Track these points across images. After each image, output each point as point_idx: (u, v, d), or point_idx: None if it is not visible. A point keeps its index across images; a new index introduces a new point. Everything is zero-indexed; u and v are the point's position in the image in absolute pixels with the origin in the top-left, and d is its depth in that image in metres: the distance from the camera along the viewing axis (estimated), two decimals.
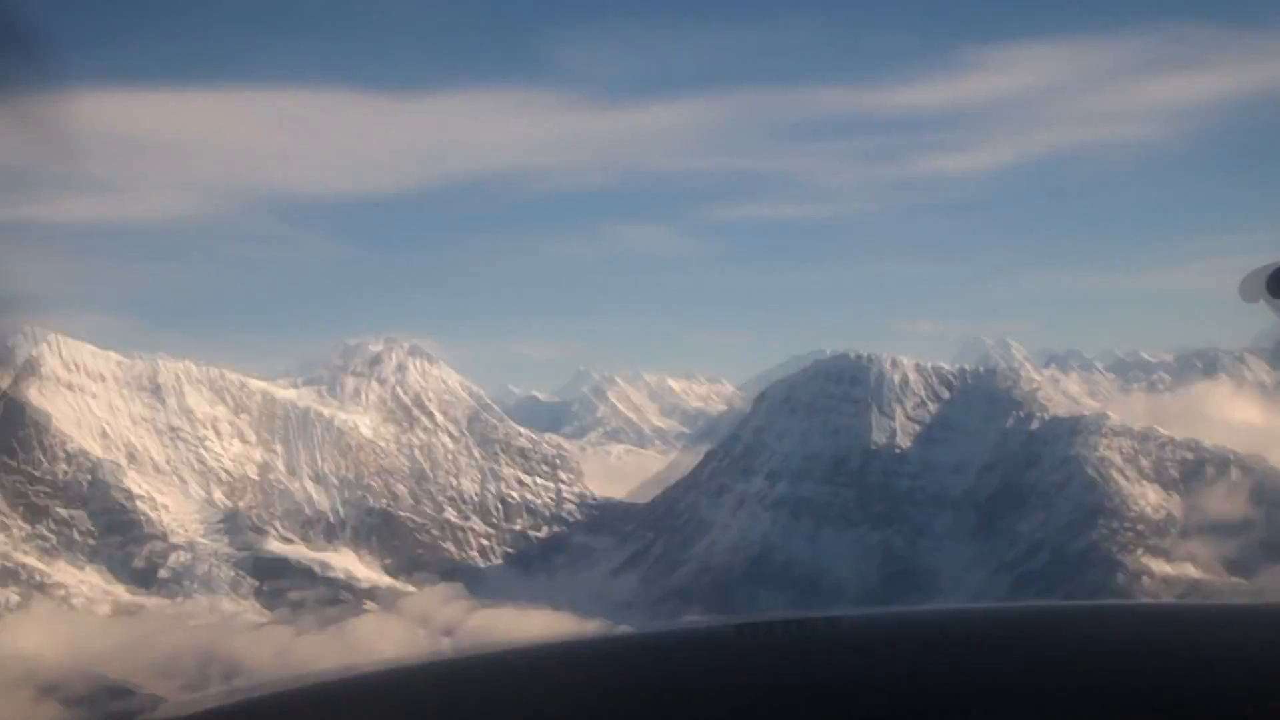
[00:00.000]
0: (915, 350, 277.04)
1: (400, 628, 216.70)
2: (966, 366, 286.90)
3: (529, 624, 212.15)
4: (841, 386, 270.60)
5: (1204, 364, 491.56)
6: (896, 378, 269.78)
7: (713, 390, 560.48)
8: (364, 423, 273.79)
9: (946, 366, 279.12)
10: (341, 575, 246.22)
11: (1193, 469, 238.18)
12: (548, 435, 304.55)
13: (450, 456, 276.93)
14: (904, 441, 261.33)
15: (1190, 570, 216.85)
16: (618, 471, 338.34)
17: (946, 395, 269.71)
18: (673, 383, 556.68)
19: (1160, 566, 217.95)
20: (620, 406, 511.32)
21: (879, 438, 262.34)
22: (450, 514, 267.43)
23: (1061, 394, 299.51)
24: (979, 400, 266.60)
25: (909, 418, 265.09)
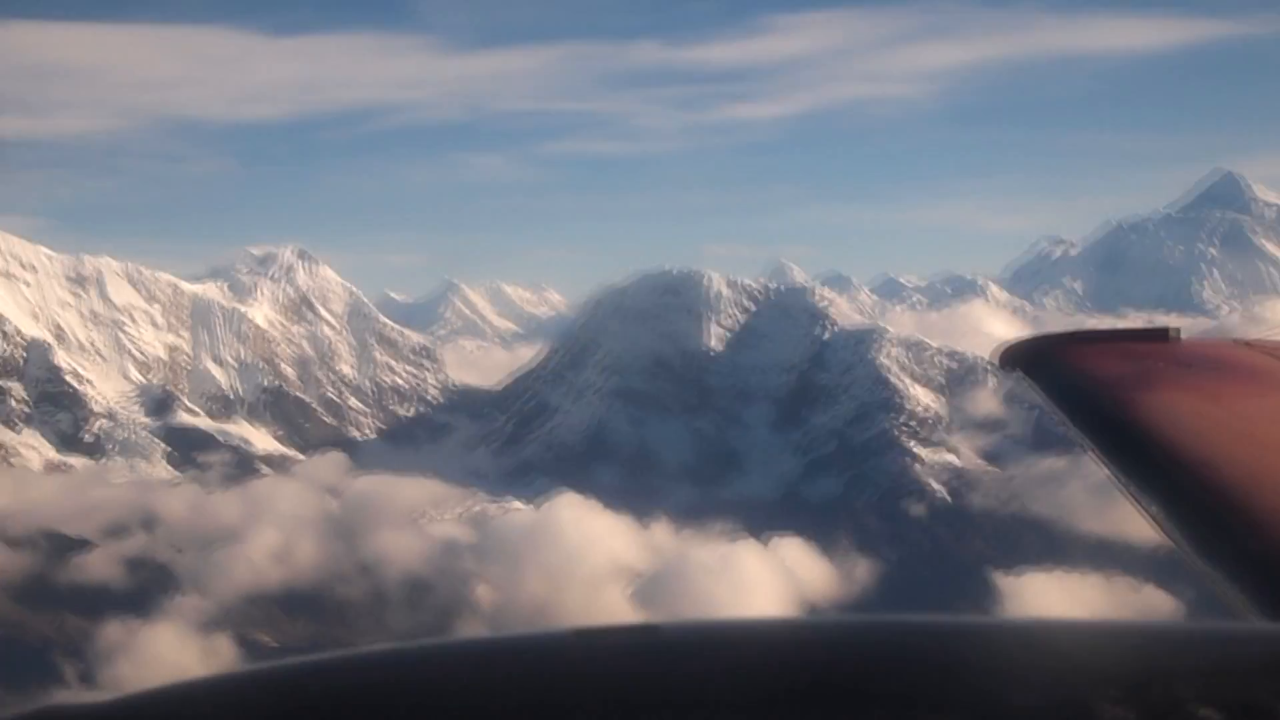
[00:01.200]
0: (723, 269, 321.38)
1: (293, 490, 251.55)
2: (769, 284, 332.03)
3: (402, 490, 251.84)
4: (665, 297, 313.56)
5: (953, 289, 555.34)
6: (711, 291, 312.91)
7: (541, 297, 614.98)
8: (259, 314, 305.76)
9: (752, 283, 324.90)
10: (240, 443, 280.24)
11: (956, 375, 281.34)
12: (408, 330, 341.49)
13: (331, 344, 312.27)
14: (717, 345, 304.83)
15: (953, 459, 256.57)
16: (471, 362, 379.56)
17: (752, 307, 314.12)
18: (508, 289, 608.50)
19: (930, 455, 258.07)
20: (464, 309, 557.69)
21: (696, 341, 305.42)
22: (331, 393, 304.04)
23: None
24: (779, 312, 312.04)
25: (721, 325, 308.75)
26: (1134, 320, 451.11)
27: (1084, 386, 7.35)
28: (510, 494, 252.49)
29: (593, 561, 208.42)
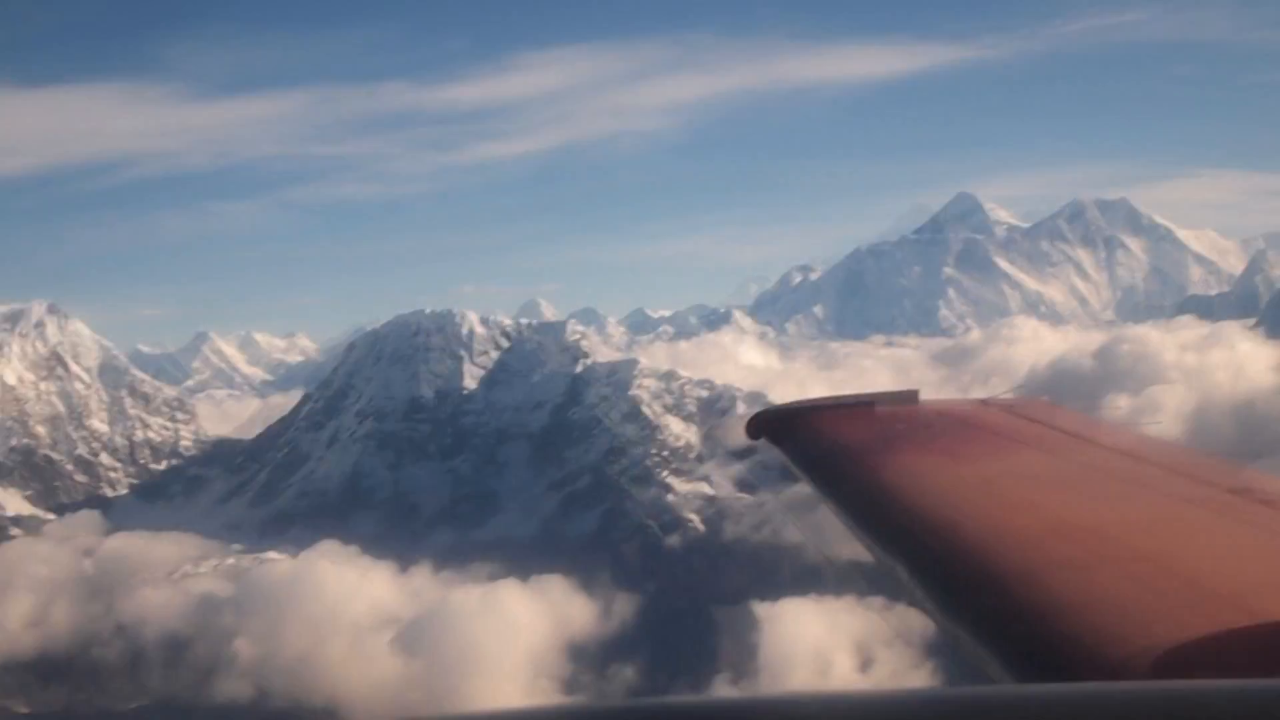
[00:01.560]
0: (477, 308, 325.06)
1: (45, 551, 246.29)
2: (522, 321, 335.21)
3: (157, 546, 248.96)
4: (419, 338, 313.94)
5: (700, 319, 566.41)
6: (464, 330, 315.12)
7: (292, 344, 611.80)
8: (8, 372, 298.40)
9: (506, 320, 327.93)
10: None
11: (707, 404, 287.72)
12: (159, 382, 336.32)
13: (83, 400, 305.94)
14: (472, 384, 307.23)
15: (705, 488, 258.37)
16: (225, 413, 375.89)
17: (506, 345, 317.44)
18: (259, 337, 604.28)
19: (682, 485, 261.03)
20: (214, 359, 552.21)
21: (451, 382, 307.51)
22: (83, 450, 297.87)
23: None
24: (533, 349, 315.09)
25: (475, 364, 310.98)
26: (875, 342, 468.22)
27: (830, 453, 7.87)
28: (268, 545, 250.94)
29: (353, 610, 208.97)
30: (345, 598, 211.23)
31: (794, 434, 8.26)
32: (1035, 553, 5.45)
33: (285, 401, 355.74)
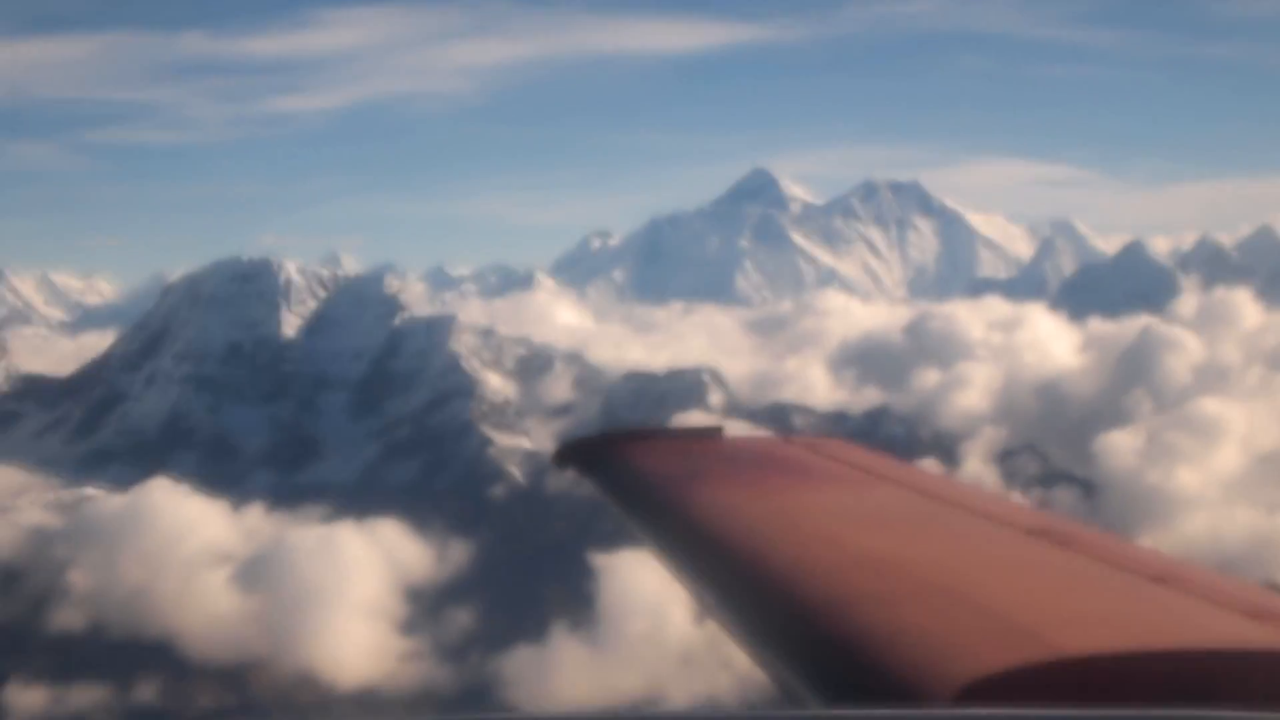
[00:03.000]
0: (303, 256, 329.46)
1: None
2: (340, 272, 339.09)
3: None
4: (238, 284, 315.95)
5: (500, 279, 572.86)
6: (283, 278, 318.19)
7: (90, 285, 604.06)
8: None
9: (324, 271, 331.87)
10: None
11: (525, 361, 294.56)
12: None
13: None
14: (290, 332, 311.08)
15: (525, 443, 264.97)
16: (36, 350, 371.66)
17: (323, 294, 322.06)
18: (55, 277, 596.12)
19: (502, 439, 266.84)
20: (10, 297, 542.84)
21: (270, 328, 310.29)
22: None
23: None
24: (352, 299, 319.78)
25: (294, 313, 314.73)
26: (674, 308, 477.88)
27: (639, 484, 8.13)
28: (86, 481, 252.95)
29: (188, 546, 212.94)
30: (180, 534, 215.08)
31: (602, 464, 8.59)
32: (839, 585, 5.76)
33: (99, 341, 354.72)
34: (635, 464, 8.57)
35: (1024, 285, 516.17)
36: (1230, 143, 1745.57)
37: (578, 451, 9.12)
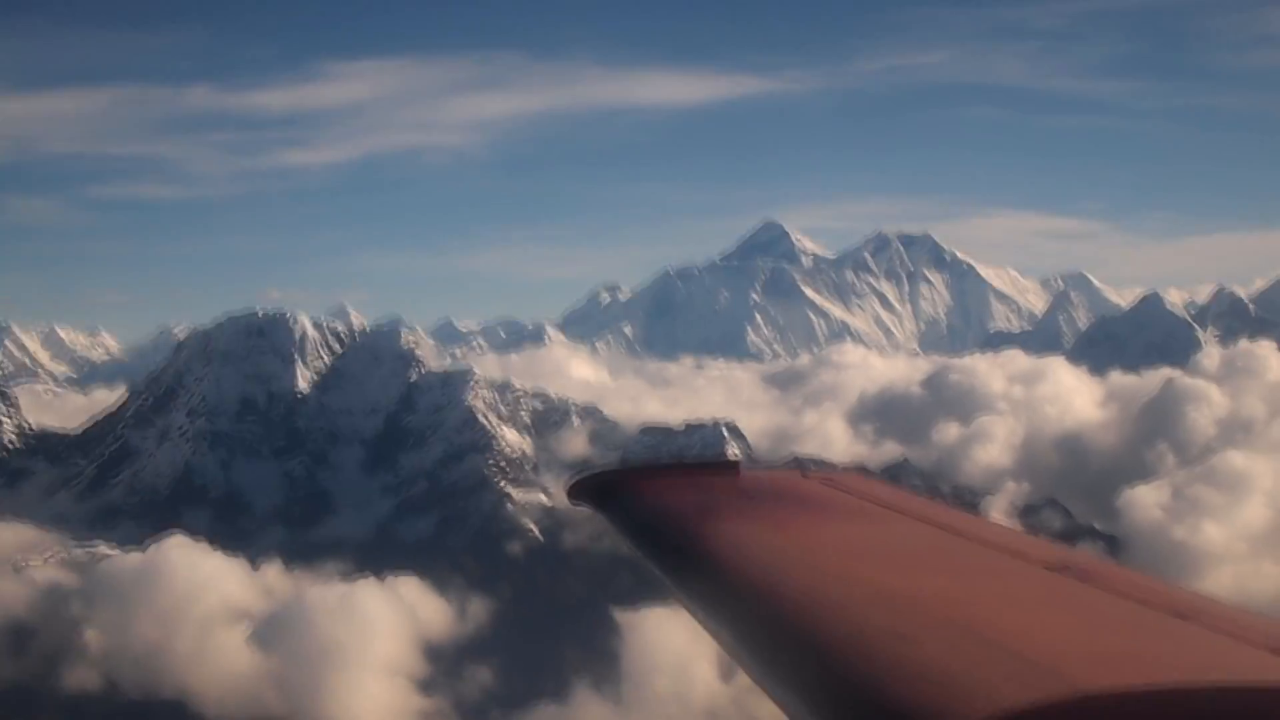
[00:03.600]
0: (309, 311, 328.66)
1: None
2: (356, 326, 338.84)
3: None
4: (251, 339, 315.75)
5: (508, 333, 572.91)
6: (297, 333, 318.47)
7: (95, 340, 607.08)
8: None
9: (340, 325, 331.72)
10: None
11: (542, 416, 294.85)
12: None
13: None
14: (304, 387, 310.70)
15: (542, 498, 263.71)
16: (46, 405, 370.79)
17: (339, 349, 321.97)
18: (61, 332, 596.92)
19: (519, 494, 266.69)
20: (15, 352, 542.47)
21: (284, 383, 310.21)
22: None
23: None
24: (367, 355, 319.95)
25: (309, 367, 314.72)
26: (686, 363, 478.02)
27: (653, 520, 7.88)
28: (97, 538, 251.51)
29: (205, 604, 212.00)
30: (196, 591, 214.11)
31: (615, 498, 8.44)
32: (855, 621, 5.71)
33: (108, 396, 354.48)
34: (650, 498, 8.29)
35: (1038, 338, 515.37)
36: (1241, 195, 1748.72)
37: (591, 486, 8.67)
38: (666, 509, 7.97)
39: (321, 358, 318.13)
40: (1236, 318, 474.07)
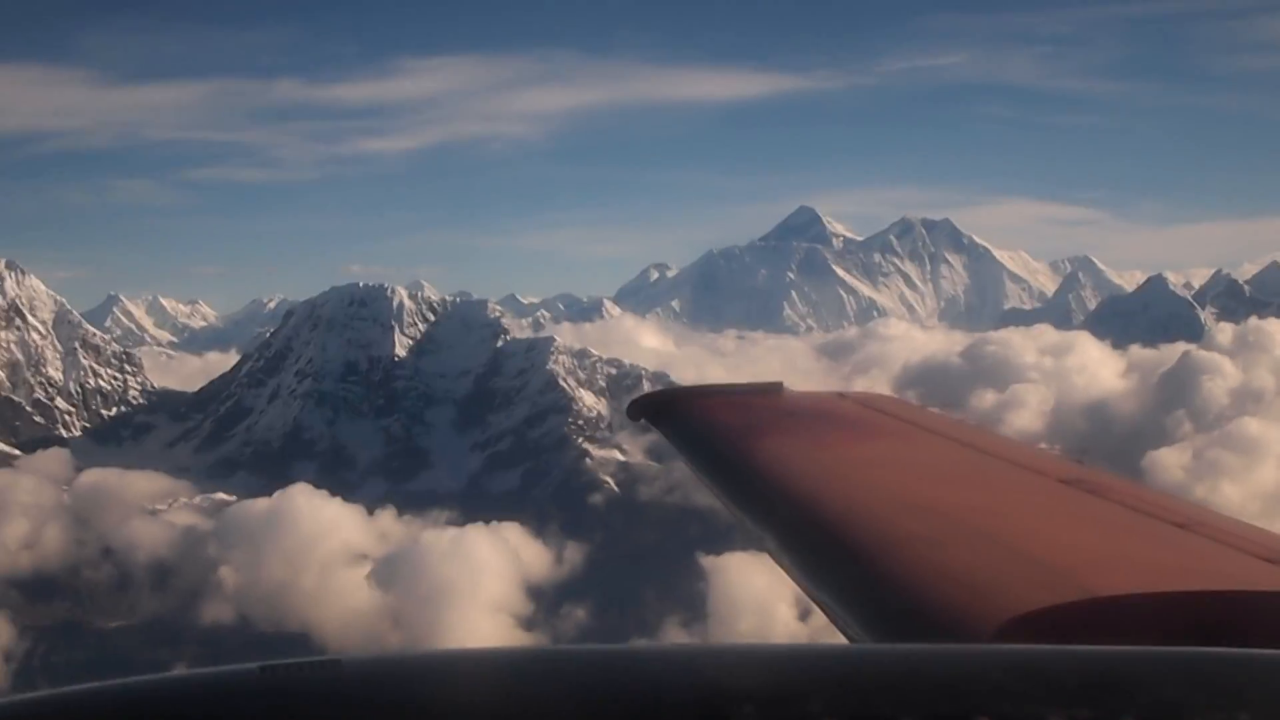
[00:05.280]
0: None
1: (24, 482, 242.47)
2: (448, 297, 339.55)
3: (129, 482, 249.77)
4: (354, 308, 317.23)
5: (567, 306, 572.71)
6: (395, 303, 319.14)
7: (194, 310, 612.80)
8: None
9: (433, 296, 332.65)
10: None
11: (616, 380, 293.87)
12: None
13: (39, 350, 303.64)
14: (402, 353, 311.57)
15: (618, 455, 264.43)
16: (166, 367, 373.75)
17: (432, 318, 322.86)
18: (164, 302, 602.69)
19: (597, 451, 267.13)
20: (124, 320, 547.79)
21: (383, 349, 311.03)
22: (40, 395, 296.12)
23: None
24: (458, 323, 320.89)
25: (405, 335, 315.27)
26: (728, 336, 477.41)
27: (705, 435, 7.92)
28: (215, 488, 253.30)
29: (328, 547, 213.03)
30: (319, 535, 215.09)
31: (671, 417, 8.48)
32: (888, 529, 5.77)
33: (221, 360, 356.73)
34: (702, 417, 8.35)
35: (1049, 316, 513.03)
36: (1228, 187, 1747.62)
37: (650, 405, 8.82)
38: (717, 426, 8.07)
39: (416, 325, 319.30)
40: (1233, 298, 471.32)
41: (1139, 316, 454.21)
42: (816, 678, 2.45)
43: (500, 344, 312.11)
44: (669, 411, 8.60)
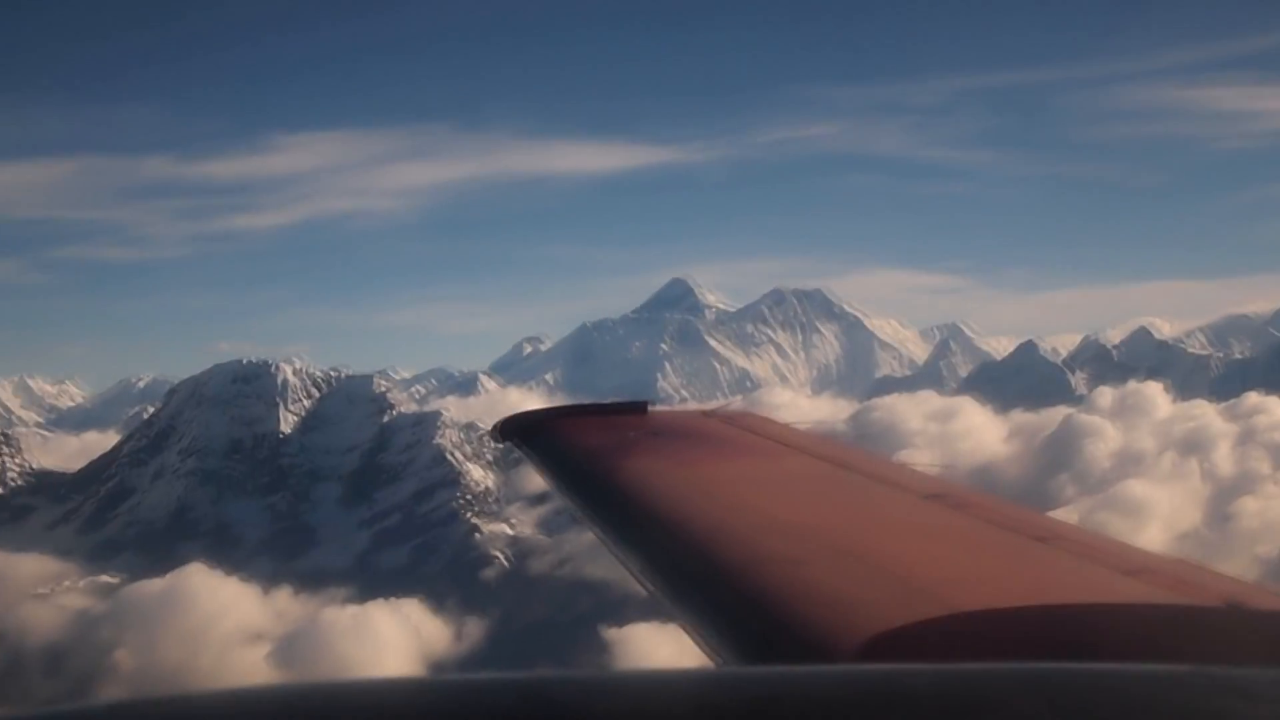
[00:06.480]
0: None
1: None
2: (333, 373, 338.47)
3: (13, 565, 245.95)
4: (238, 385, 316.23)
5: (439, 381, 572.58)
6: (280, 379, 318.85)
7: (62, 390, 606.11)
8: None
9: (319, 372, 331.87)
10: None
11: (503, 453, 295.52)
12: None
13: None
14: (287, 428, 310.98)
15: (507, 529, 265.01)
16: (44, 448, 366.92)
17: (318, 394, 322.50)
18: (31, 382, 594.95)
19: (487, 526, 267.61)
20: None
21: (268, 425, 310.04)
22: None
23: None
24: (344, 398, 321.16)
25: (289, 410, 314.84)
26: None
27: (571, 456, 8.08)
28: (101, 570, 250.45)
29: (225, 627, 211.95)
30: (216, 615, 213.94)
31: (538, 438, 8.51)
32: (752, 548, 5.74)
33: (101, 440, 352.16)
34: (568, 438, 8.55)
35: (922, 383, 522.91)
36: (1093, 254, 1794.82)
37: (516, 426, 9.03)
38: (583, 446, 8.26)
39: (302, 401, 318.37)
40: (1102, 363, 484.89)
41: (1012, 382, 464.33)
42: (678, 703, 2.38)
43: (387, 419, 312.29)
44: (535, 433, 8.77)
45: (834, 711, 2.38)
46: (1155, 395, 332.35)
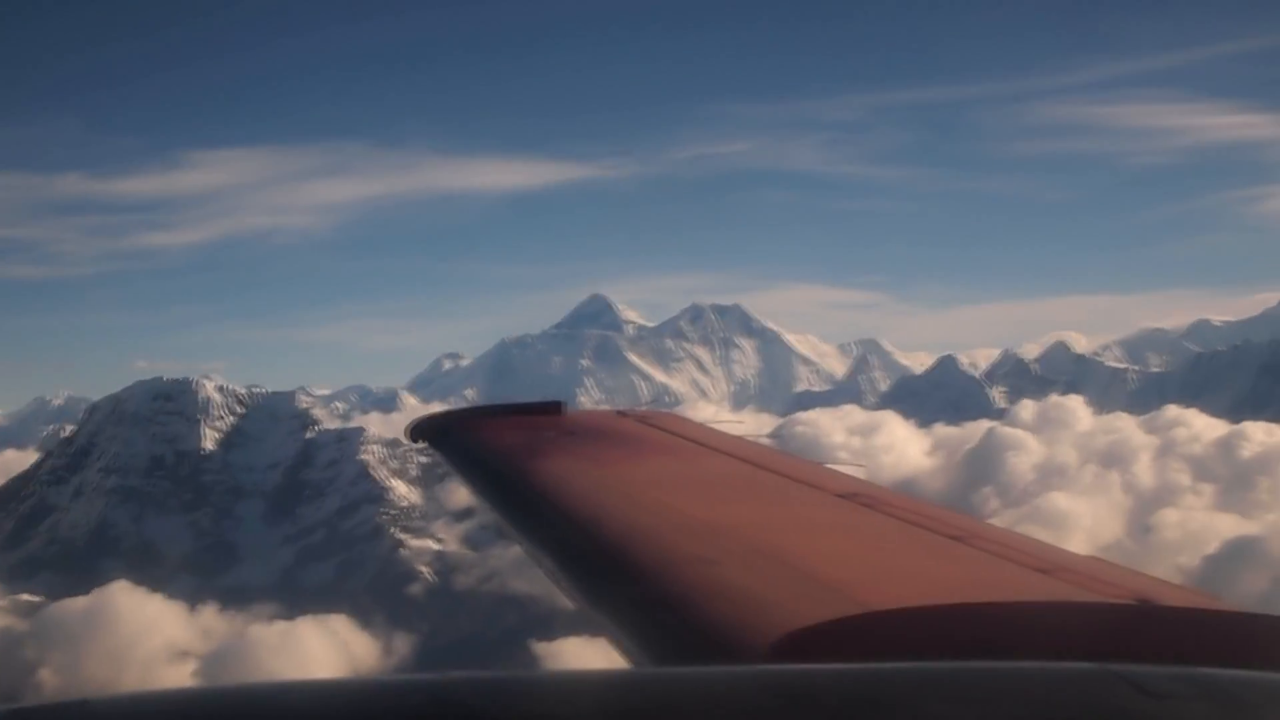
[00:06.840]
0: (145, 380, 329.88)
1: None
2: (255, 389, 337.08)
3: None
4: (159, 402, 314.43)
5: (359, 397, 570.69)
6: (201, 396, 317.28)
7: None
8: None
9: (241, 389, 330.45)
10: None
11: (428, 469, 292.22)
12: None
13: None
14: (209, 445, 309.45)
15: (432, 544, 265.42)
16: None
17: (241, 411, 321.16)
18: None
19: (412, 541, 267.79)
20: None
21: (190, 443, 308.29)
22: None
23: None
24: (266, 415, 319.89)
25: (211, 427, 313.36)
26: None
27: (486, 455, 8.08)
28: (21, 588, 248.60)
29: (150, 645, 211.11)
30: (141, 633, 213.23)
31: (452, 438, 8.47)
32: (665, 548, 5.73)
33: (19, 458, 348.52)
34: (482, 438, 8.60)
35: (841, 397, 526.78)
36: (1009, 269, 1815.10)
37: (430, 427, 9.06)
38: (498, 446, 8.29)
39: (224, 418, 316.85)
40: (1021, 377, 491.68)
41: (931, 396, 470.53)
42: (587, 704, 2.47)
43: (309, 435, 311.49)
44: (450, 433, 8.79)
45: (743, 712, 2.35)
46: (1076, 408, 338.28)
